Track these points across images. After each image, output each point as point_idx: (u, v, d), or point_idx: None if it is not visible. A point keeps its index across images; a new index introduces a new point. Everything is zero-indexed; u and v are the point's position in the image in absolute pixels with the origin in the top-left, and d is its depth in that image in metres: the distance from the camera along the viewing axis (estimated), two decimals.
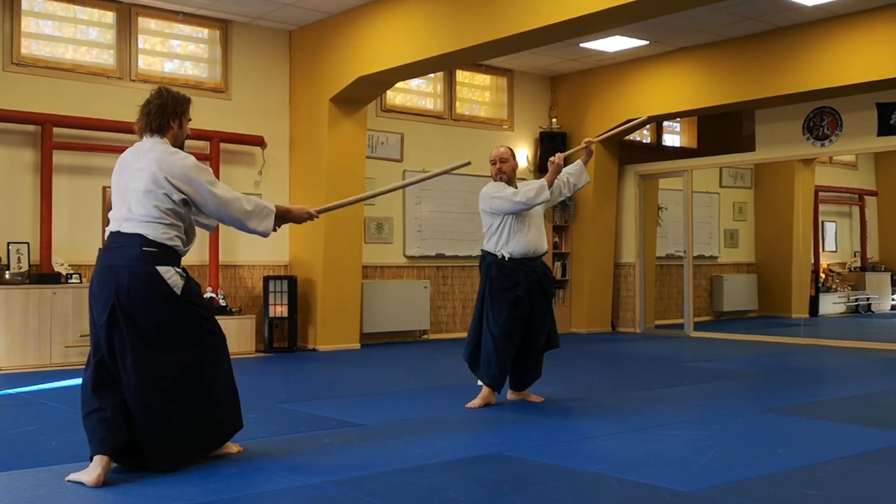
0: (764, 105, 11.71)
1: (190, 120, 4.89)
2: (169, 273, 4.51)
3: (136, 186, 4.54)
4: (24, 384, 7.73)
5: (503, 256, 6.57)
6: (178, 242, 4.59)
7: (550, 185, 6.62)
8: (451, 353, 10.36)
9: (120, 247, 4.52)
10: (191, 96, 4.94)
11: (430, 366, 9.35)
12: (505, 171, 6.71)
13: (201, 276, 10.22)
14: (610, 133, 8.51)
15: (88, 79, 9.74)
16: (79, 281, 9.13)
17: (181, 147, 4.77)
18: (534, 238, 6.65)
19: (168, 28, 10.35)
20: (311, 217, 5.01)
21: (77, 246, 9.55)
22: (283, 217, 4.91)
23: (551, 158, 6.79)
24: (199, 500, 4.04)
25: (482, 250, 6.75)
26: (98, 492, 4.18)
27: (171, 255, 4.56)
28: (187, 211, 4.65)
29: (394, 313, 11.51)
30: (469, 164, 5.80)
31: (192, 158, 4.65)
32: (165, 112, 4.71)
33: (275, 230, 4.86)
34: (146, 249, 4.47)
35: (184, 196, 4.56)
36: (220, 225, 5.09)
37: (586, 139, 7.09)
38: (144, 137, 4.72)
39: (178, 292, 4.53)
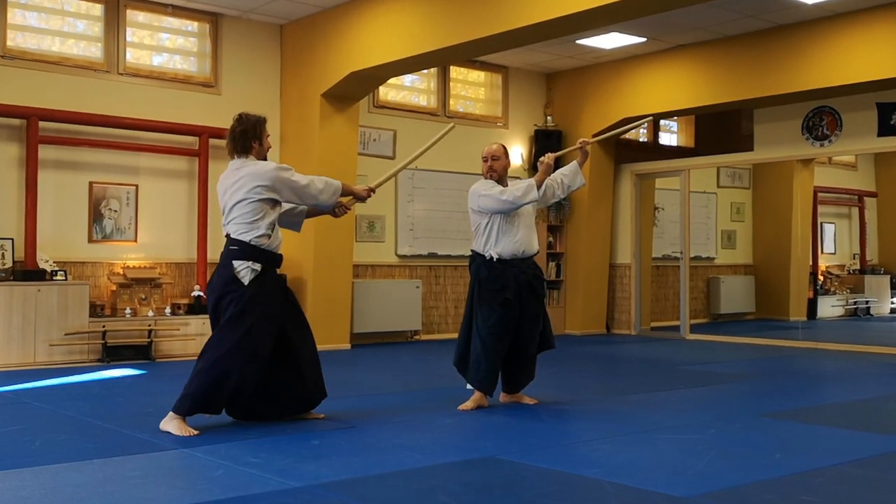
0: (763, 104, 11.72)
1: (269, 135, 5.92)
2: (241, 266, 5.55)
3: (233, 198, 5.60)
4: (7, 383, 7.69)
5: (491, 257, 6.54)
6: (260, 240, 5.59)
7: (540, 185, 6.55)
8: (442, 355, 10.34)
9: (224, 247, 5.68)
10: (179, 90, 5.25)
11: (422, 367, 9.34)
12: (496, 169, 6.70)
13: (189, 274, 10.20)
14: (609, 134, 8.41)
15: (75, 72, 9.70)
16: (64, 278, 9.10)
17: (264, 158, 5.83)
18: (523, 238, 6.60)
19: (157, 21, 10.31)
20: (371, 192, 6.16)
21: (63, 242, 9.52)
22: (348, 192, 6.03)
23: (541, 158, 6.74)
24: (184, 502, 4.02)
25: (471, 250, 6.73)
26: (82, 494, 4.16)
27: (251, 251, 5.57)
28: (273, 210, 5.69)
29: (385, 313, 11.49)
30: (454, 127, 6.72)
31: (273, 164, 5.75)
32: (247, 136, 5.75)
33: (336, 211, 6.03)
34: (231, 248, 5.60)
35: (271, 196, 5.61)
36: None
37: (581, 139, 7.03)
38: (234, 158, 5.75)
39: (245, 283, 5.54)
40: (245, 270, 5.55)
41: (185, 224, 10.26)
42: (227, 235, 5.69)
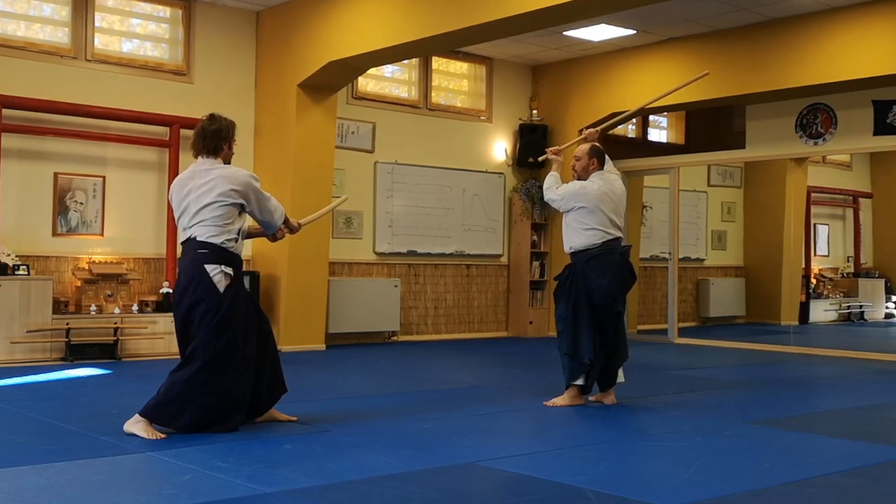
0: (755, 100, 11.76)
1: (235, 142, 5.90)
2: (214, 271, 5.52)
3: (202, 199, 5.57)
4: None
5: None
6: (229, 244, 5.59)
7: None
8: (421, 356, 10.35)
9: (185, 252, 5.65)
10: (149, 78, 5.24)
11: (400, 369, 9.33)
12: (575, 169, 7.20)
13: (158, 270, 10.16)
14: (615, 120, 8.57)
15: (41, 58, 9.64)
16: (26, 272, 9.05)
17: (228, 163, 5.82)
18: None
19: (127, 6, 10.26)
20: (299, 227, 6.17)
21: (26, 235, 9.46)
22: (286, 222, 6.04)
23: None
24: None
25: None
26: (44, 498, 4.13)
27: (222, 254, 5.56)
28: (240, 217, 5.70)
29: (362, 313, 11.47)
30: (346, 199, 7.59)
31: (246, 171, 5.83)
32: (220, 136, 5.73)
33: (276, 235, 6.06)
34: (200, 252, 5.54)
35: (241, 202, 5.63)
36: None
37: (587, 129, 7.75)
38: (200, 158, 5.74)
39: (221, 290, 5.52)
40: (219, 276, 5.53)
41: (154, 218, 10.21)
42: (193, 238, 5.60)
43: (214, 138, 5.71)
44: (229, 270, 5.58)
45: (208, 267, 5.52)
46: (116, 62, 10.10)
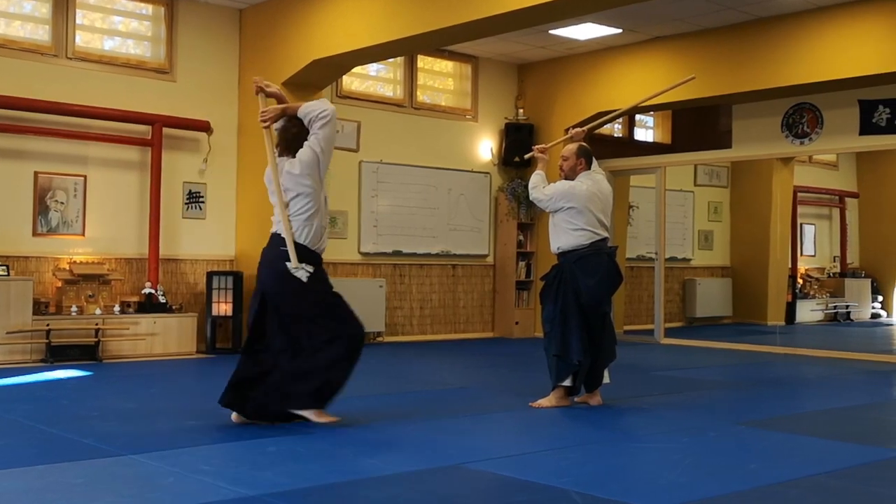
0: (742, 100, 11.78)
1: None
2: (296, 270, 5.77)
3: (286, 196, 5.88)
4: None
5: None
6: (312, 242, 5.87)
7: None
8: (406, 357, 10.34)
9: (270, 243, 5.96)
10: (131, 76, 5.20)
11: (385, 370, 9.30)
12: (562, 169, 7.21)
13: (139, 270, 10.12)
14: (601, 121, 8.61)
15: (22, 55, 9.59)
16: (6, 273, 9.00)
17: None
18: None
19: (109, 3, 10.22)
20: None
21: (5, 236, 9.41)
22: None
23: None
24: None
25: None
26: (23, 502, 4.11)
27: (303, 252, 5.81)
28: (325, 203, 6.02)
29: None
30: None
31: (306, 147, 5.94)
32: (301, 138, 5.97)
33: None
34: (282, 249, 5.82)
35: (308, 174, 5.85)
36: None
37: (573, 129, 7.66)
38: (283, 157, 6.00)
39: (305, 280, 5.79)
40: (300, 273, 5.81)
41: (136, 217, 10.17)
42: (277, 233, 5.92)
43: (296, 140, 5.97)
44: (310, 269, 5.82)
45: (289, 265, 5.80)
46: (98, 60, 10.06)
